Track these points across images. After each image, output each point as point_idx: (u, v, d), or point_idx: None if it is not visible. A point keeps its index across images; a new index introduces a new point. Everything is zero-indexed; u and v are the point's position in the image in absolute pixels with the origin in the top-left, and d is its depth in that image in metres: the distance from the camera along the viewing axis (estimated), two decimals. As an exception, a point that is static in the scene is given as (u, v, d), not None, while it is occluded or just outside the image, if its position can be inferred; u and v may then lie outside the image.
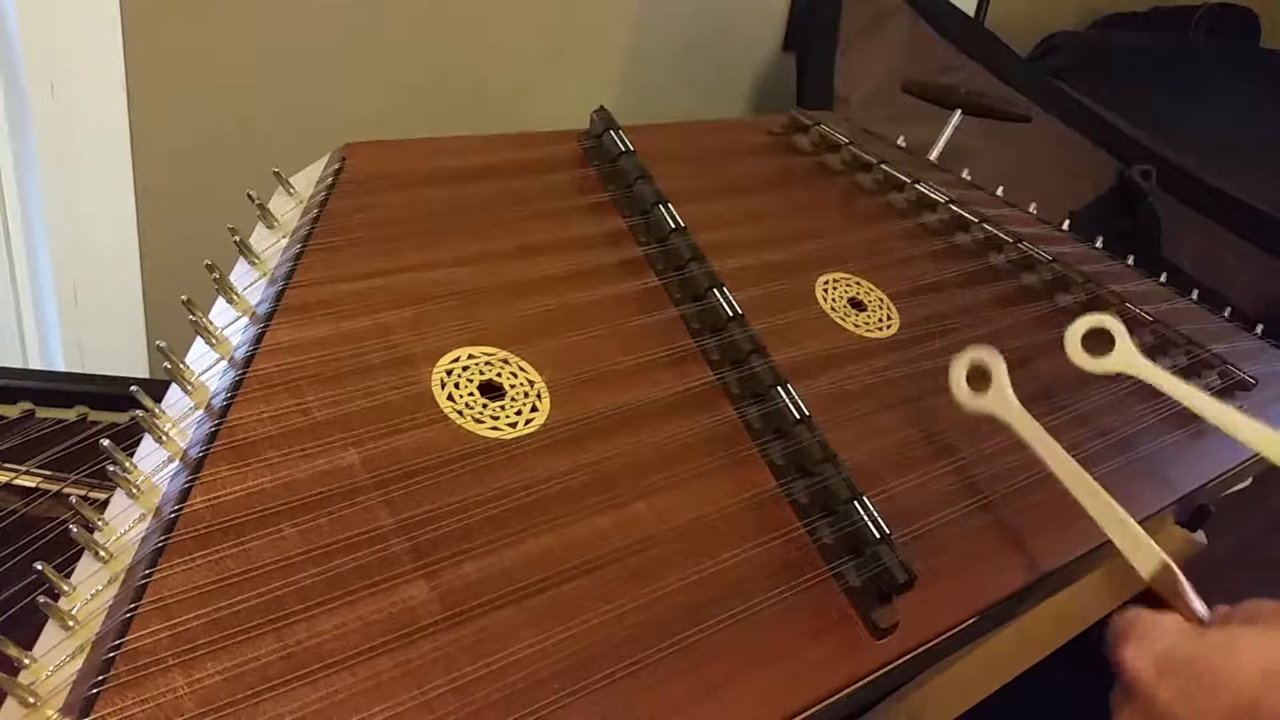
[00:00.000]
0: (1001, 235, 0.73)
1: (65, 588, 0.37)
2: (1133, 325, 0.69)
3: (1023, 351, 0.64)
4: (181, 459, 0.41)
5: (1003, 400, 0.51)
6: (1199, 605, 0.41)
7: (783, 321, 0.59)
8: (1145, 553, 0.43)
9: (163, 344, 0.44)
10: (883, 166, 0.75)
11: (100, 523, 0.40)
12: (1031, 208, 0.80)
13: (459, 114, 1.11)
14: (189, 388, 0.44)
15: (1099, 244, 0.80)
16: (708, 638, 0.42)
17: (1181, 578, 0.42)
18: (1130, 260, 0.80)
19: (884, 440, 0.54)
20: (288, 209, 0.55)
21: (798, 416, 0.50)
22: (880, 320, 0.62)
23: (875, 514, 0.47)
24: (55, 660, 0.35)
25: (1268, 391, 0.69)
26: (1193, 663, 0.36)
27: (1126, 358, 0.55)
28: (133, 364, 0.99)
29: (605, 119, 0.67)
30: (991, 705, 0.56)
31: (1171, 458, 0.61)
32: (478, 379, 0.49)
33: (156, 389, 0.44)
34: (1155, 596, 0.43)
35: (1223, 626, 0.38)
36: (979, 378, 0.52)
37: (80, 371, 0.96)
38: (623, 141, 0.65)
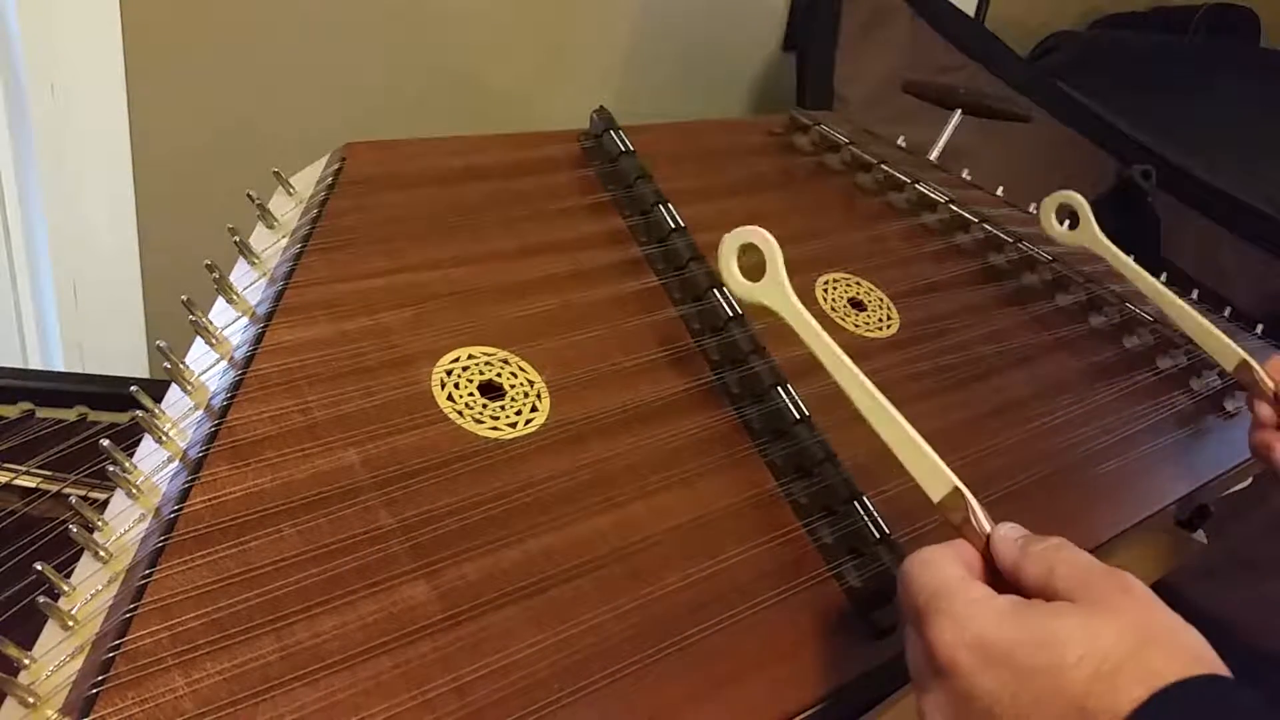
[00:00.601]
0: (1001, 235, 0.73)
1: (65, 588, 0.37)
2: (1133, 325, 0.69)
3: (1023, 351, 0.64)
4: (181, 459, 0.41)
5: (777, 290, 0.47)
6: (986, 524, 0.38)
7: (783, 321, 0.58)
8: (937, 478, 0.41)
9: (163, 344, 0.44)
10: (883, 166, 0.75)
11: (100, 523, 0.40)
12: (1031, 208, 0.80)
13: (459, 114, 1.11)
14: (189, 388, 0.44)
15: (1099, 244, 0.80)
16: (708, 637, 0.42)
17: (973, 503, 0.39)
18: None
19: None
20: (288, 209, 0.55)
21: (798, 416, 0.50)
22: (880, 320, 0.62)
23: (875, 514, 0.47)
24: (55, 660, 0.35)
25: (1268, 391, 0.69)
26: (1015, 654, 0.33)
27: (1090, 235, 0.65)
28: (133, 364, 0.99)
29: (605, 119, 0.67)
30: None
31: (1171, 458, 0.61)
32: (478, 379, 0.49)
33: (156, 389, 0.44)
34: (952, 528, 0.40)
35: (1043, 611, 0.34)
36: (755, 265, 0.48)
37: (80, 371, 0.96)
38: (623, 141, 0.65)
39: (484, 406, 0.48)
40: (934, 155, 0.82)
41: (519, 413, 0.48)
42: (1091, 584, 0.34)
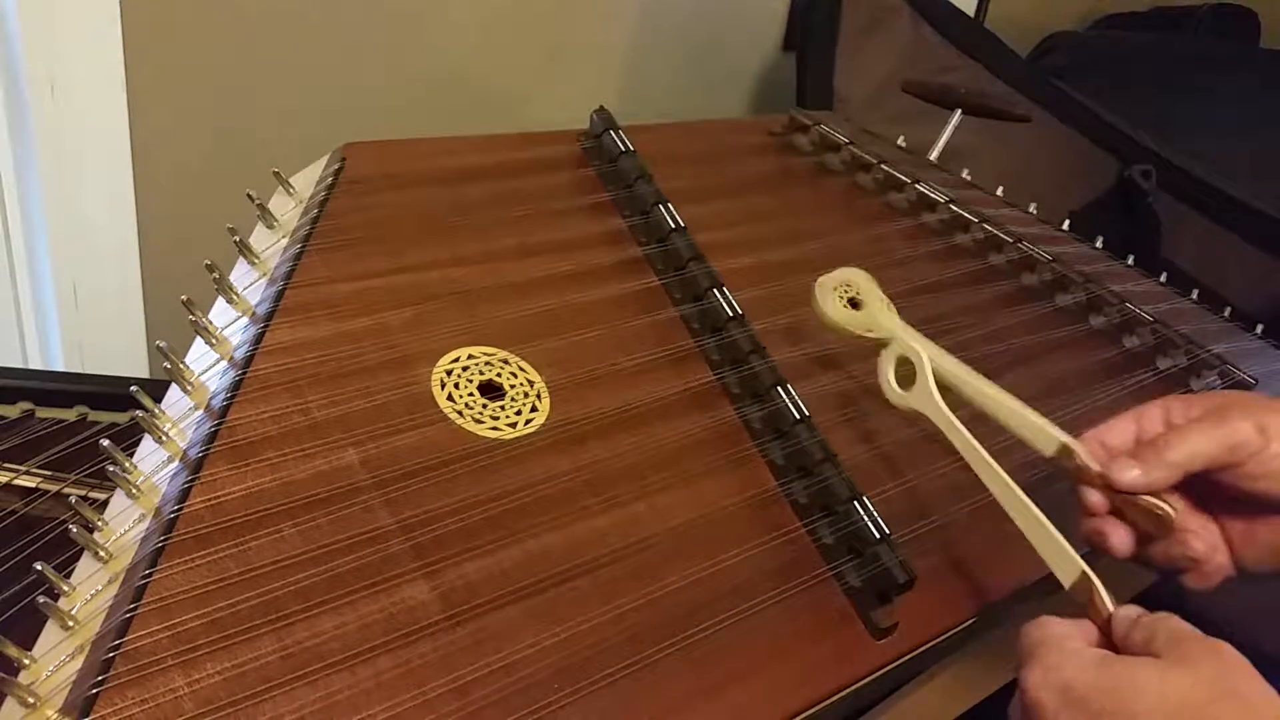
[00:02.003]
0: (1001, 235, 0.73)
1: (65, 588, 0.37)
2: (1133, 325, 0.69)
3: (1023, 351, 0.64)
4: (181, 459, 0.41)
5: (926, 398, 0.49)
6: (1109, 604, 0.40)
7: (783, 321, 0.59)
8: (1067, 563, 0.42)
9: (163, 344, 0.44)
10: (883, 166, 0.75)
11: (100, 523, 0.40)
12: (1031, 208, 0.80)
13: (459, 114, 1.11)
14: (189, 388, 0.44)
15: (1099, 244, 0.80)
16: (708, 638, 0.42)
17: (1098, 585, 0.41)
18: (1130, 260, 0.80)
19: (884, 440, 0.54)
20: (288, 209, 0.55)
21: (798, 416, 0.50)
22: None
23: (875, 514, 0.47)
24: (55, 660, 0.35)
25: (1267, 391, 0.69)
26: (1092, 698, 0.35)
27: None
28: (133, 364, 0.99)
29: (605, 119, 0.67)
30: (983, 704, 0.56)
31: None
32: (478, 379, 0.49)
33: (156, 389, 0.44)
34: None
35: (1124, 662, 0.36)
36: (907, 374, 0.50)
37: (80, 371, 0.96)
38: (623, 141, 0.65)
39: (484, 406, 0.48)
40: (934, 155, 0.82)
41: (519, 413, 0.48)
42: (1182, 644, 0.36)
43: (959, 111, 0.83)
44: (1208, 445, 0.44)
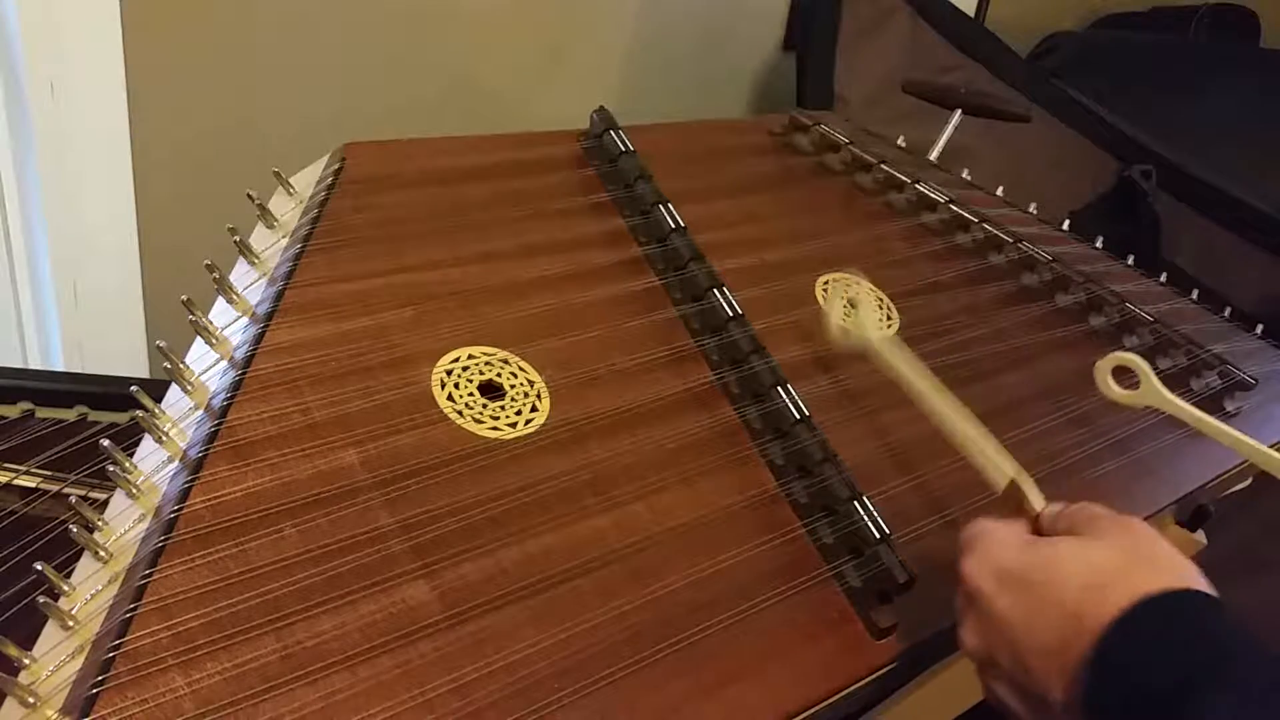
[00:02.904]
0: (1001, 235, 0.73)
1: (65, 588, 0.37)
2: (1133, 325, 0.69)
3: (1023, 351, 0.64)
4: (181, 459, 0.41)
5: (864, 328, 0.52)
6: (1039, 502, 0.43)
7: (783, 321, 0.59)
8: (997, 470, 0.45)
9: (163, 344, 0.44)
10: (883, 166, 0.75)
11: (100, 523, 0.40)
12: (1031, 208, 0.80)
13: (459, 114, 1.11)
14: (189, 388, 0.44)
15: (1099, 244, 0.80)
16: (708, 637, 0.42)
17: (1026, 486, 0.43)
18: (1130, 260, 0.80)
19: (884, 440, 0.54)
20: (288, 209, 0.55)
21: (798, 416, 0.50)
22: (880, 320, 0.62)
23: (875, 514, 0.47)
24: (55, 660, 0.35)
25: (1268, 391, 0.69)
26: (1023, 576, 0.39)
27: (1153, 393, 0.54)
28: (133, 364, 0.99)
29: (605, 119, 0.67)
30: (983, 704, 0.56)
31: (1171, 458, 0.61)
32: (478, 379, 0.49)
33: (156, 389, 0.44)
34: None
35: (1048, 541, 0.40)
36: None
37: (80, 371, 0.96)
38: (623, 141, 0.65)
39: (484, 406, 0.48)
40: (934, 155, 0.82)
41: (519, 413, 0.48)
42: (1096, 521, 0.40)
43: (959, 111, 0.83)
44: None
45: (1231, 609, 0.36)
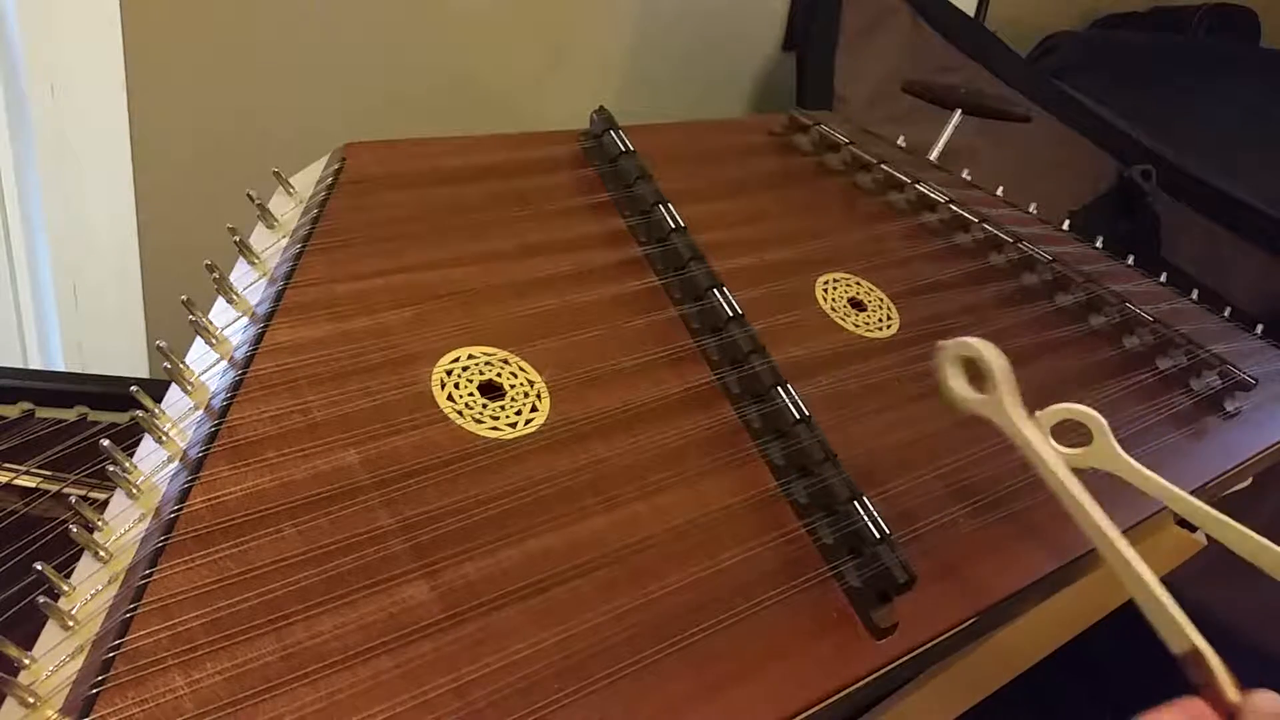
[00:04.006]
0: (1001, 235, 0.73)
1: (65, 588, 0.37)
2: (1132, 325, 0.69)
3: (1023, 351, 0.64)
4: (181, 459, 0.41)
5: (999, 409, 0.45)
6: (1233, 694, 0.36)
7: (783, 321, 0.59)
8: (1176, 631, 0.39)
9: (163, 344, 0.44)
10: (883, 166, 0.75)
11: (100, 523, 0.40)
12: (1031, 208, 0.80)
13: (459, 114, 1.11)
14: (189, 388, 0.44)
15: (1099, 244, 0.80)
16: (708, 638, 0.42)
17: (1216, 667, 0.37)
18: (1130, 260, 0.80)
19: (884, 440, 0.54)
20: (288, 209, 0.55)
21: (798, 416, 0.50)
22: (880, 320, 0.62)
23: (875, 514, 0.47)
24: (55, 660, 0.35)
25: (1268, 391, 0.69)
26: None
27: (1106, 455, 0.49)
28: (133, 364, 0.99)
29: (605, 119, 0.67)
30: (983, 704, 0.56)
31: (1171, 458, 0.61)
32: (478, 379, 0.49)
33: (156, 389, 0.44)
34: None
35: None
36: (977, 376, 0.47)
37: (80, 371, 0.96)
38: (623, 141, 0.65)
39: (484, 406, 0.48)
40: (934, 155, 0.82)
41: (519, 413, 0.48)
42: None
43: (959, 111, 0.83)
44: None
45: None
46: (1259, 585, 0.51)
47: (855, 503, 0.47)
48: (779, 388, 0.51)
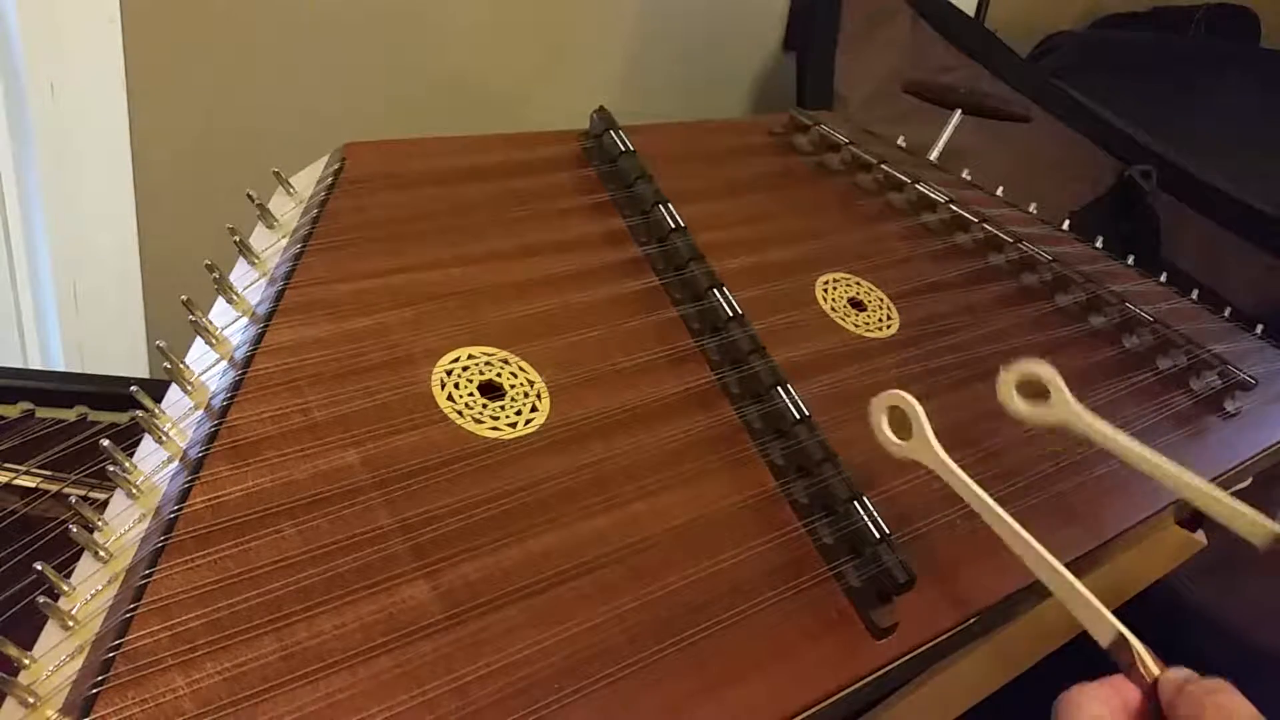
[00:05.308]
0: (1001, 235, 0.73)
1: (65, 588, 0.37)
2: (1133, 325, 0.69)
3: (1023, 351, 0.64)
4: (181, 459, 0.41)
5: (925, 448, 0.47)
6: (1154, 668, 0.38)
7: (783, 321, 0.59)
8: (1102, 623, 0.41)
9: (163, 344, 0.44)
10: (883, 166, 0.75)
11: (100, 523, 0.40)
12: (1031, 208, 0.80)
13: (459, 114, 1.11)
14: (189, 388, 0.44)
15: (1099, 244, 0.80)
16: (708, 638, 0.42)
17: (1138, 648, 0.39)
18: (1130, 260, 0.80)
19: (884, 440, 0.54)
20: (288, 209, 0.55)
21: (798, 416, 0.50)
22: (880, 320, 0.62)
23: (875, 514, 0.47)
24: (55, 660, 0.35)
25: (1268, 391, 0.69)
26: None
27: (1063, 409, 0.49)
28: (133, 364, 0.99)
29: (605, 119, 0.67)
30: (983, 704, 0.56)
31: (1172, 457, 0.61)
32: (478, 379, 0.49)
33: (156, 389, 0.44)
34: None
35: None
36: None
37: (80, 371, 0.96)
38: (623, 141, 0.65)
39: (484, 406, 0.48)
40: (934, 155, 0.82)
41: (519, 413, 0.48)
42: (1210, 710, 0.34)
43: (959, 111, 0.83)
44: None
45: None
46: (1257, 584, 0.51)
47: (855, 503, 0.47)
48: (779, 388, 0.51)
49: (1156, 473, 0.48)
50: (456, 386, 0.48)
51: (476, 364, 0.49)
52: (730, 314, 0.55)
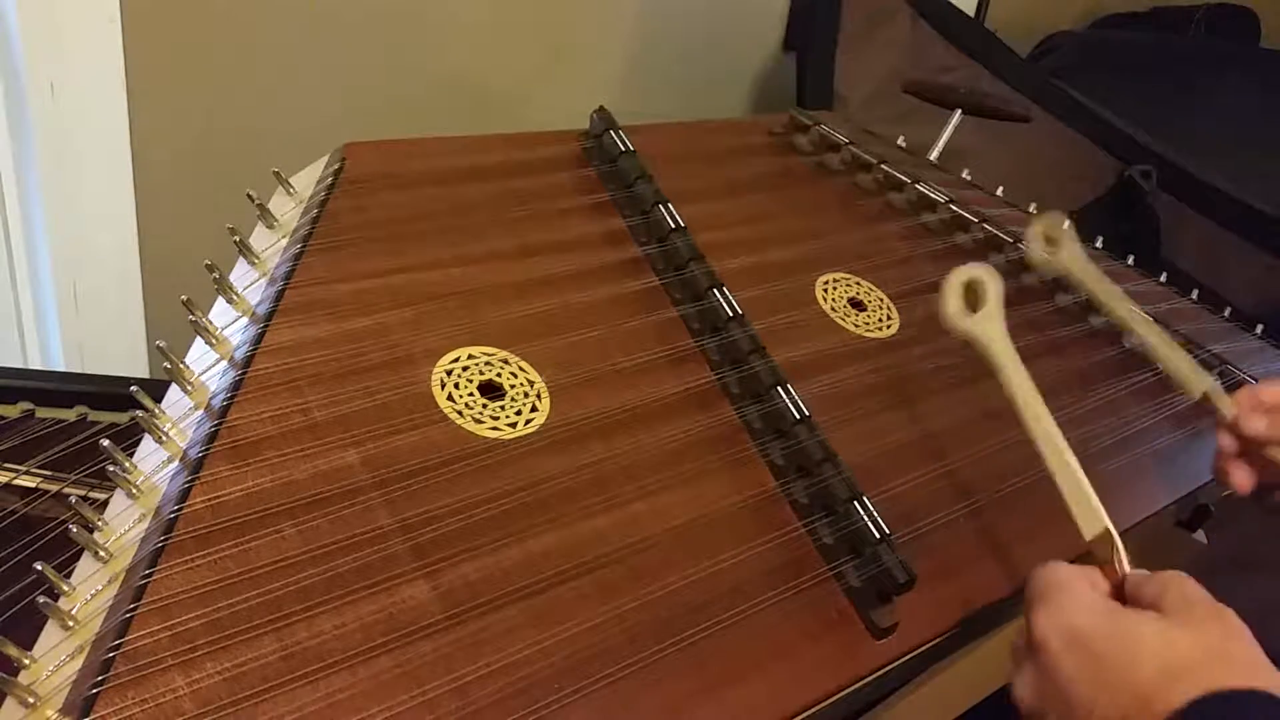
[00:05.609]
0: (1001, 235, 0.73)
1: (65, 588, 0.37)
2: (1133, 325, 0.69)
3: (1022, 351, 0.64)
4: (181, 459, 0.41)
5: (992, 325, 0.51)
6: (1126, 566, 0.42)
7: (783, 321, 0.59)
8: (1092, 516, 0.44)
9: (163, 344, 0.44)
10: (883, 166, 0.75)
11: (100, 523, 0.40)
12: (1031, 208, 0.80)
13: (459, 114, 1.11)
14: (189, 388, 0.44)
15: (1099, 244, 0.80)
16: (708, 638, 0.42)
17: (1119, 545, 0.42)
18: (1130, 260, 0.80)
19: (884, 440, 0.54)
20: (288, 209, 0.55)
21: (798, 416, 0.50)
22: (880, 320, 0.62)
23: (875, 514, 0.47)
24: (55, 660, 0.35)
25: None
26: (1096, 643, 0.37)
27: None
28: (133, 364, 0.99)
29: (605, 119, 0.67)
30: (983, 704, 0.56)
31: (1171, 458, 0.61)
32: (478, 379, 0.49)
33: (156, 389, 0.44)
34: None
35: (1133, 615, 0.38)
36: (971, 298, 0.52)
37: (80, 371, 0.96)
38: (623, 141, 0.65)
39: (484, 406, 0.48)
40: (934, 155, 0.82)
41: (519, 413, 0.48)
42: (1190, 605, 0.38)
43: (959, 111, 0.83)
44: None
45: None
46: (1258, 585, 0.51)
47: (855, 503, 0.47)
48: (779, 388, 0.51)
49: (1116, 307, 0.56)
50: (456, 386, 0.48)
51: (476, 364, 0.49)
52: (730, 314, 0.55)
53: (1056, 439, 0.46)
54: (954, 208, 0.73)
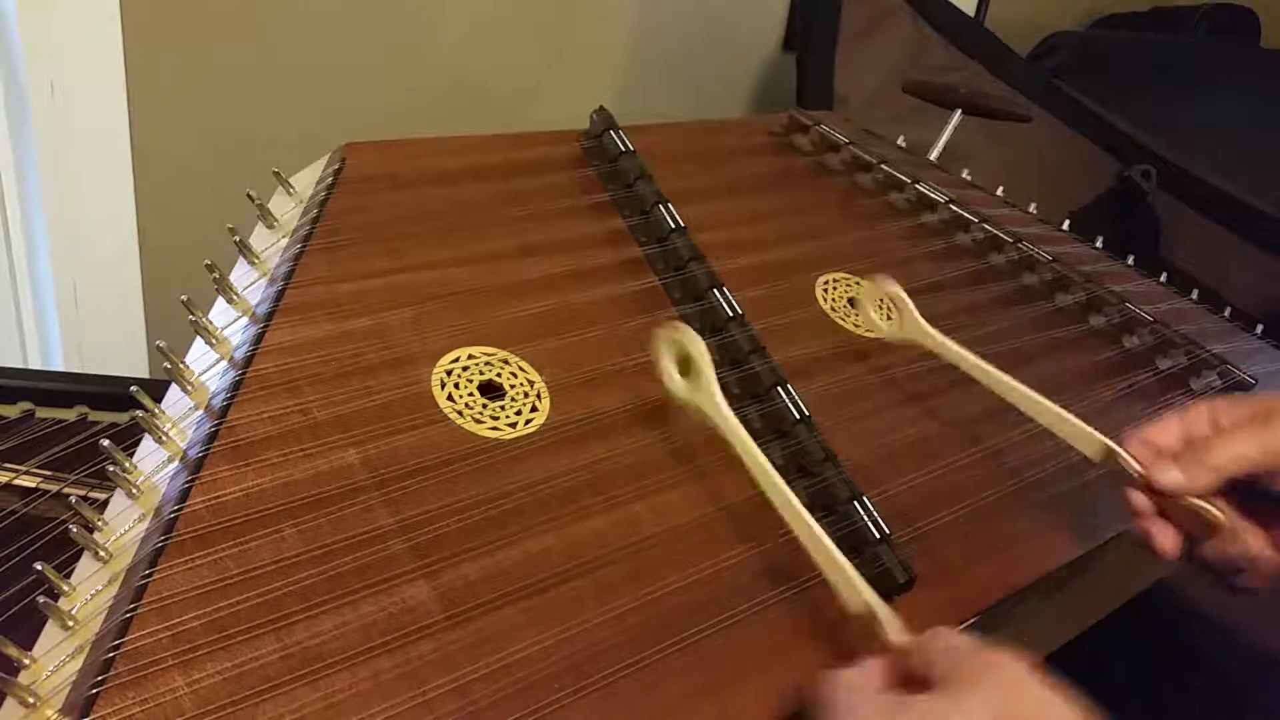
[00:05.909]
0: (1001, 235, 0.73)
1: (65, 588, 0.37)
2: (1132, 325, 0.69)
3: (1022, 351, 0.64)
4: (181, 459, 0.41)
5: (704, 395, 0.47)
6: (892, 632, 0.39)
7: (783, 321, 0.59)
8: (850, 589, 0.41)
9: (163, 344, 0.44)
10: (883, 166, 0.75)
11: (100, 523, 0.40)
12: (1031, 208, 0.80)
13: (459, 114, 1.11)
14: (189, 388, 0.44)
15: (1099, 244, 0.80)
16: (707, 638, 0.42)
17: (878, 613, 0.40)
18: (1130, 260, 0.80)
19: (884, 440, 0.54)
20: (288, 209, 0.55)
21: (798, 416, 0.50)
22: (881, 320, 0.62)
23: (875, 514, 0.47)
24: (55, 660, 0.35)
25: (1267, 391, 0.69)
26: None
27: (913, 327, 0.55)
28: (133, 364, 0.99)
29: (605, 119, 0.67)
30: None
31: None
32: (478, 379, 0.49)
33: (156, 389, 0.44)
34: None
35: (909, 703, 0.35)
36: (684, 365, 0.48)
37: (80, 371, 0.96)
38: (623, 141, 0.65)
39: (484, 406, 0.48)
40: (934, 155, 0.82)
41: (519, 413, 0.48)
42: (960, 666, 0.35)
43: (959, 111, 0.83)
44: (1251, 450, 0.43)
45: None
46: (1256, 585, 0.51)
47: (855, 503, 0.47)
48: (779, 388, 0.51)
49: (997, 387, 0.52)
50: (456, 386, 0.48)
51: (476, 364, 0.49)
52: (730, 314, 0.55)
53: (799, 510, 0.43)
54: (954, 208, 0.73)
